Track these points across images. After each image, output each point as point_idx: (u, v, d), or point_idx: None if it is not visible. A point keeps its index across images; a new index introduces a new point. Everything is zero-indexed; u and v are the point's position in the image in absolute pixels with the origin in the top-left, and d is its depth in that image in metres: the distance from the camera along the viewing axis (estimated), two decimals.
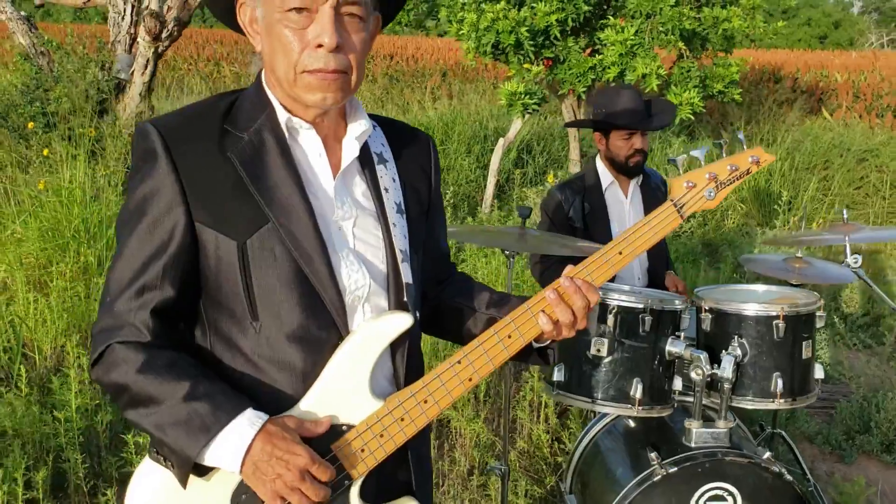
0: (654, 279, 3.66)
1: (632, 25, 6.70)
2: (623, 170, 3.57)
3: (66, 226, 4.52)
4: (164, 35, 7.72)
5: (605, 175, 3.59)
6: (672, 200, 1.61)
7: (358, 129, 1.52)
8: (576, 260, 3.48)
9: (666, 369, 2.71)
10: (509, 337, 1.54)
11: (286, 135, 1.47)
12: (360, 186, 1.55)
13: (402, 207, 1.58)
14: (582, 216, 3.50)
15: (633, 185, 3.65)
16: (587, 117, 3.78)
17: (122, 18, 8.39)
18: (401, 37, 23.31)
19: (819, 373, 2.82)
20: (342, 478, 1.46)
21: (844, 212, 2.80)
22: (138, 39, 7.83)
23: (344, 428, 1.46)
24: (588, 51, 7.23)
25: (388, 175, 1.58)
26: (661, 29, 6.76)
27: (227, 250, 1.41)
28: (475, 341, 1.53)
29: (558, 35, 6.77)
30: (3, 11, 8.27)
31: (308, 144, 1.50)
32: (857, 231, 2.73)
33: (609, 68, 6.83)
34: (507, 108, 6.62)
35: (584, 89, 7.12)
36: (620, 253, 1.58)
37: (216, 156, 1.43)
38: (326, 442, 1.44)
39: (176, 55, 16.69)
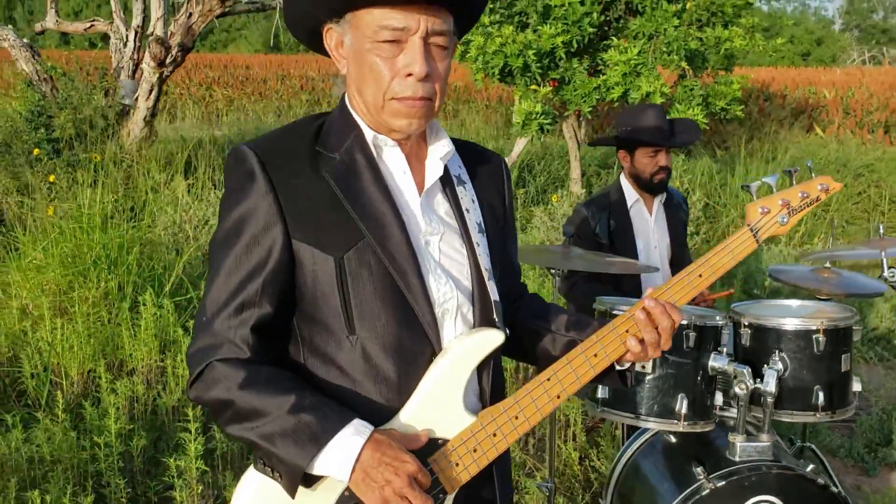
0: None
1: (635, 46, 6.81)
2: (648, 187, 3.62)
3: (88, 252, 4.52)
4: (168, 61, 7.76)
5: (630, 193, 3.64)
6: (749, 225, 1.66)
7: (442, 150, 1.57)
8: (602, 276, 3.50)
9: (708, 385, 2.75)
10: (595, 356, 1.57)
11: (374, 153, 1.52)
12: (443, 205, 1.59)
13: (483, 227, 1.62)
14: (608, 233, 3.55)
15: (658, 203, 3.71)
16: (606, 134, 3.83)
17: (125, 45, 8.44)
18: None
19: (857, 385, 2.87)
20: (438, 491, 1.48)
21: (881, 227, 2.86)
22: (142, 65, 7.88)
23: (440, 442, 1.50)
24: (589, 71, 7.33)
25: (467, 196, 1.62)
26: (664, 49, 6.87)
27: (325, 266, 1.45)
28: (563, 359, 1.56)
29: (563, 56, 6.87)
30: (6, 39, 8.30)
31: (393, 162, 1.54)
32: (893, 245, 2.79)
33: (613, 88, 6.93)
34: (520, 127, 6.69)
35: (590, 109, 7.21)
36: (700, 276, 1.63)
37: (311, 175, 1.47)
38: (424, 455, 1.46)
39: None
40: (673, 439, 2.99)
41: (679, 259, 3.78)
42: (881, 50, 37.39)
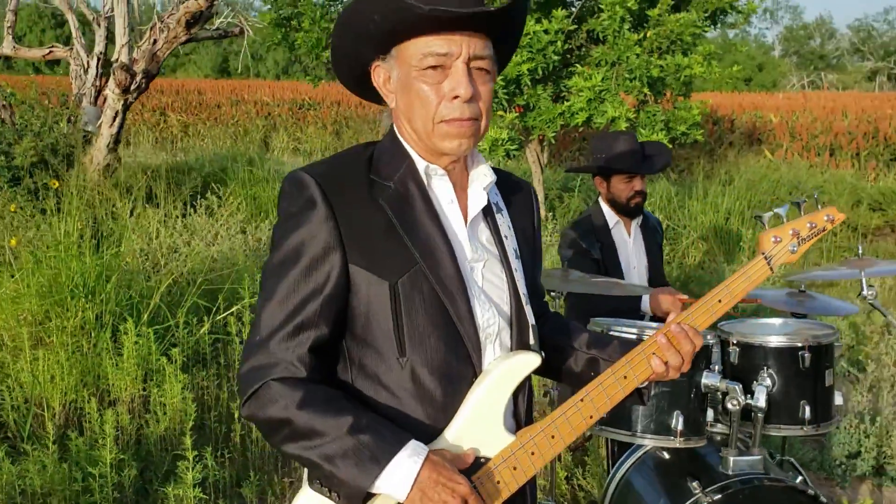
0: None
1: (598, 73, 6.99)
2: (625, 210, 3.74)
3: (66, 281, 4.47)
4: (132, 87, 7.72)
5: (611, 215, 3.75)
6: (763, 254, 1.77)
7: (485, 180, 1.65)
8: (594, 297, 3.58)
9: (701, 402, 2.84)
10: (625, 378, 1.66)
11: (425, 182, 1.59)
12: (484, 232, 1.67)
13: (518, 253, 1.70)
14: (598, 251, 3.65)
15: (635, 225, 3.83)
16: (585, 162, 3.94)
17: (86, 71, 8.37)
18: None
19: (839, 399, 2.99)
20: None
21: (860, 247, 3.01)
22: (107, 92, 7.82)
23: (482, 460, 1.56)
24: (553, 98, 7.50)
25: (504, 223, 1.70)
26: (626, 76, 7.07)
27: (379, 290, 1.51)
28: (595, 381, 1.64)
29: (529, 83, 7.02)
30: None
31: (441, 191, 1.61)
32: (871, 265, 2.93)
33: (577, 114, 7.11)
34: (487, 153, 6.80)
35: (553, 134, 7.37)
36: (720, 301, 1.73)
37: (367, 203, 1.54)
38: (468, 473, 1.53)
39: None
40: (665, 456, 3.07)
41: (656, 279, 3.90)
42: (819, 75, 38.74)
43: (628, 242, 3.81)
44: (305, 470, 1.58)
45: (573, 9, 7.57)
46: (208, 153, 12.57)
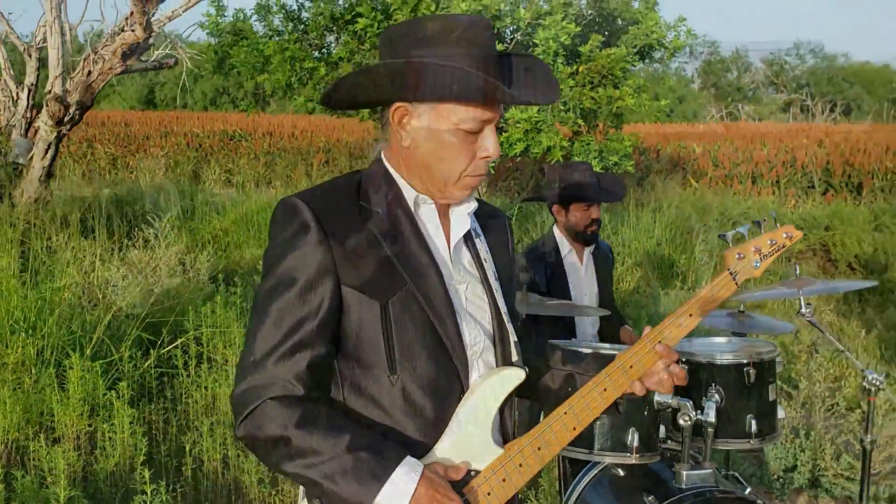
0: (605, 333, 3.96)
1: (534, 105, 7.19)
2: (581, 238, 3.86)
3: (6, 317, 4.37)
4: (66, 119, 7.59)
5: (563, 243, 3.87)
6: (728, 270, 1.87)
7: (469, 207, 1.73)
8: (541, 318, 3.65)
9: (654, 418, 2.95)
10: (605, 390, 1.74)
11: (412, 209, 1.66)
12: (466, 256, 1.75)
13: (497, 276, 1.78)
14: (545, 280, 3.75)
15: (587, 252, 3.95)
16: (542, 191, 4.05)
17: (16, 103, 8.19)
18: (276, 115, 23.46)
19: (781, 413, 3.14)
20: None
21: (797, 267, 3.18)
22: (39, 124, 7.66)
23: (472, 473, 1.62)
24: None
25: (483, 248, 1.79)
26: (561, 107, 7.29)
27: (371, 310, 1.56)
28: (577, 394, 1.73)
29: None
30: None
31: (428, 218, 1.69)
32: (808, 284, 3.10)
33: (515, 144, 7.29)
34: None
35: (493, 164, 7.53)
36: (690, 315, 1.82)
37: (358, 227, 1.60)
38: (459, 486, 1.59)
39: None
40: (620, 473, 3.16)
41: (607, 305, 4.02)
42: (736, 106, 40.25)
43: (580, 269, 3.93)
44: (301, 488, 1.61)
45: (507, 43, 7.77)
46: (139, 186, 12.35)
